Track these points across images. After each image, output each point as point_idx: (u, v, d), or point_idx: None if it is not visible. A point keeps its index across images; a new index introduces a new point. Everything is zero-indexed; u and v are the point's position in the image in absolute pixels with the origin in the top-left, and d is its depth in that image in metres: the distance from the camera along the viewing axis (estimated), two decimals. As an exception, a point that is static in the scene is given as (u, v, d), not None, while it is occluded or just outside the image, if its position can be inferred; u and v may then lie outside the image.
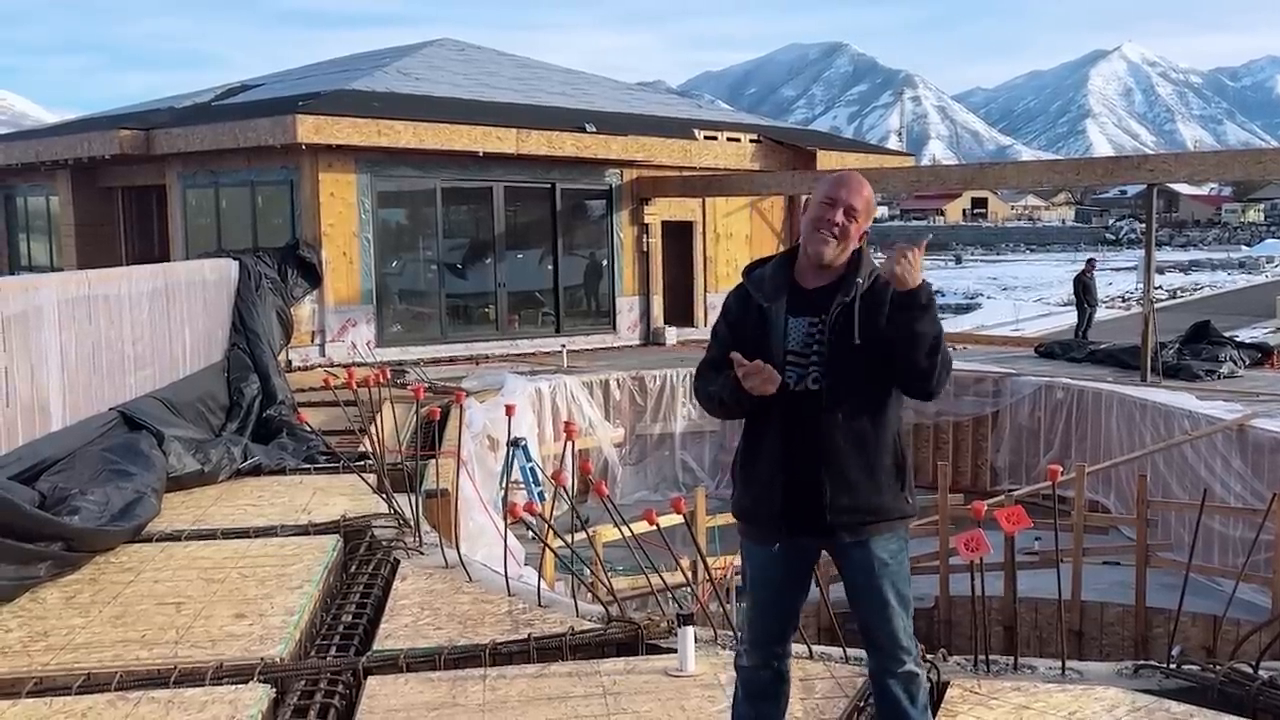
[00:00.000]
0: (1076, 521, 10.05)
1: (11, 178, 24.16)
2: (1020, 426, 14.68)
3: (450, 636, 5.38)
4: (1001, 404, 14.83)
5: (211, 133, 17.79)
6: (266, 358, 12.88)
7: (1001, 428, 14.88)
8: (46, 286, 8.27)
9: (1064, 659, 5.11)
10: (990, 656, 5.14)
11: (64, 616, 5.54)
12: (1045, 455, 13.98)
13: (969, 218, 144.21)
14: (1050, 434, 14.25)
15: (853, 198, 3.69)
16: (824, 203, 3.70)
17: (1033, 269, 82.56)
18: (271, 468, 8.92)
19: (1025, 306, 50.73)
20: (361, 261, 17.27)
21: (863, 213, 3.70)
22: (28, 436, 7.65)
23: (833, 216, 3.66)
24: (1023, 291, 63.48)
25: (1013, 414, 14.74)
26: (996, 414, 14.95)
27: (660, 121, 21.04)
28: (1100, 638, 10.29)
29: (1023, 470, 14.31)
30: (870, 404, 3.64)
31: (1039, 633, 10.21)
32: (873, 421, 3.65)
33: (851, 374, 3.61)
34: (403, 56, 22.37)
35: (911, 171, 20.07)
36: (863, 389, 3.63)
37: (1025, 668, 5.15)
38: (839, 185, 3.72)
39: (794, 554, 3.75)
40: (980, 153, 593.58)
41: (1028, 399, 14.55)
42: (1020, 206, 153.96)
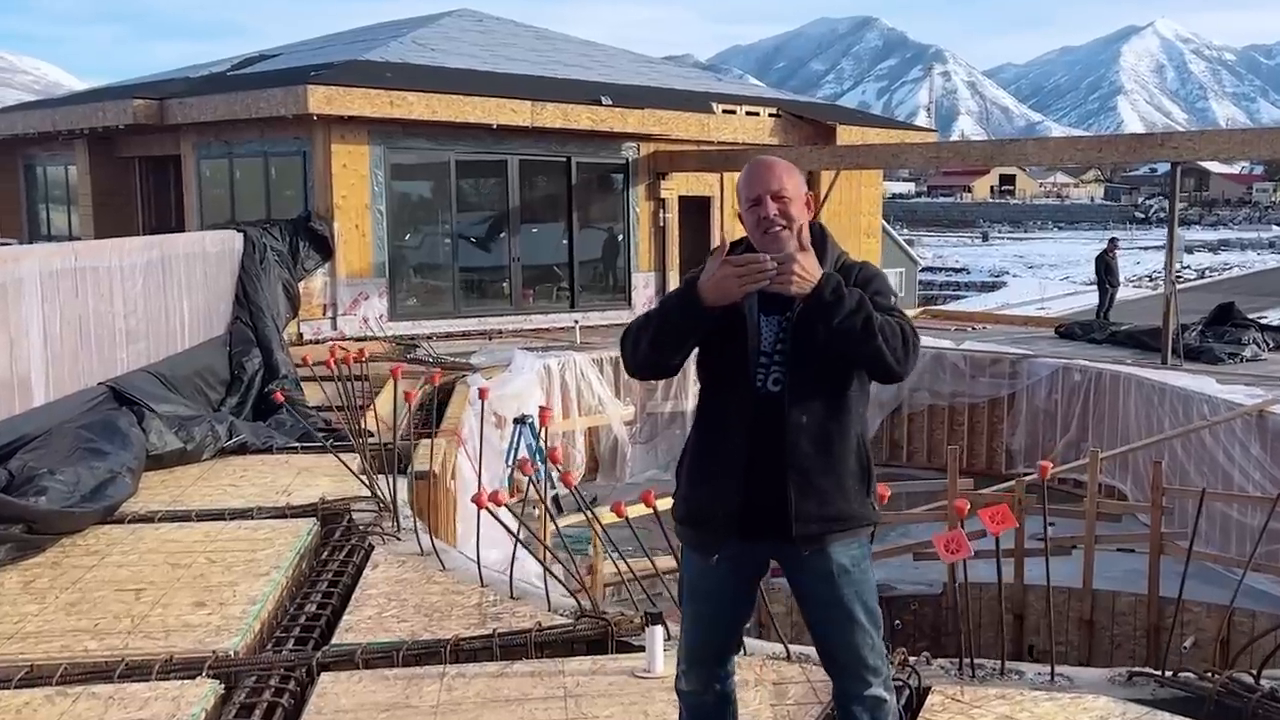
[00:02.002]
0: (1089, 508, 9.77)
1: (31, 147, 24.17)
2: (1037, 409, 14.38)
3: (414, 630, 5.18)
4: (1018, 386, 14.53)
5: (224, 103, 17.64)
6: (269, 331, 12.73)
7: (1018, 410, 14.59)
8: (28, 258, 8.10)
9: (1053, 665, 4.86)
10: (976, 660, 4.89)
11: (18, 603, 5.37)
12: (1062, 439, 13.71)
13: (997, 195, 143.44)
14: (1067, 417, 13.95)
15: (771, 182, 3.40)
16: (751, 207, 3.42)
17: (1060, 247, 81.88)
18: (257, 446, 8.74)
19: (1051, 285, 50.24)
20: (374, 234, 17.09)
21: (791, 188, 3.41)
22: (6, 413, 7.49)
23: (767, 213, 3.37)
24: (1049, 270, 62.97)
25: (1029, 396, 14.44)
26: (1013, 396, 14.66)
27: (678, 95, 20.70)
28: (1111, 627, 10.03)
29: (1039, 454, 13.94)
30: (833, 404, 3.38)
31: (1049, 620, 9.94)
32: (838, 423, 3.39)
33: (814, 374, 3.35)
34: (420, 27, 22.12)
35: (931, 147, 19.73)
36: (825, 389, 3.37)
37: (1013, 673, 4.90)
38: (753, 182, 3.42)
39: (742, 562, 3.46)
40: (1010, 129, 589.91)
41: (1045, 381, 14.24)
42: (1049, 184, 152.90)
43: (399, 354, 14.91)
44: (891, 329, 3.29)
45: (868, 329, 3.24)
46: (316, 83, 16.15)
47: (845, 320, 3.24)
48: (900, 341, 3.30)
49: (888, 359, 3.29)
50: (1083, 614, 9.80)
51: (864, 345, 3.26)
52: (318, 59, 19.79)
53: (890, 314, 3.35)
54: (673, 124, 19.24)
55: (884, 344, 3.26)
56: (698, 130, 19.63)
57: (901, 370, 3.35)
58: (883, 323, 3.28)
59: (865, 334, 3.24)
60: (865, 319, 3.24)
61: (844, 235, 21.44)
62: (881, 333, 3.26)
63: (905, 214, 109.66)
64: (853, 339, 3.25)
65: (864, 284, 3.43)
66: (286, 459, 8.57)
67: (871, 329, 3.25)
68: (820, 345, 3.28)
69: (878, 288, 3.45)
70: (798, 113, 21.92)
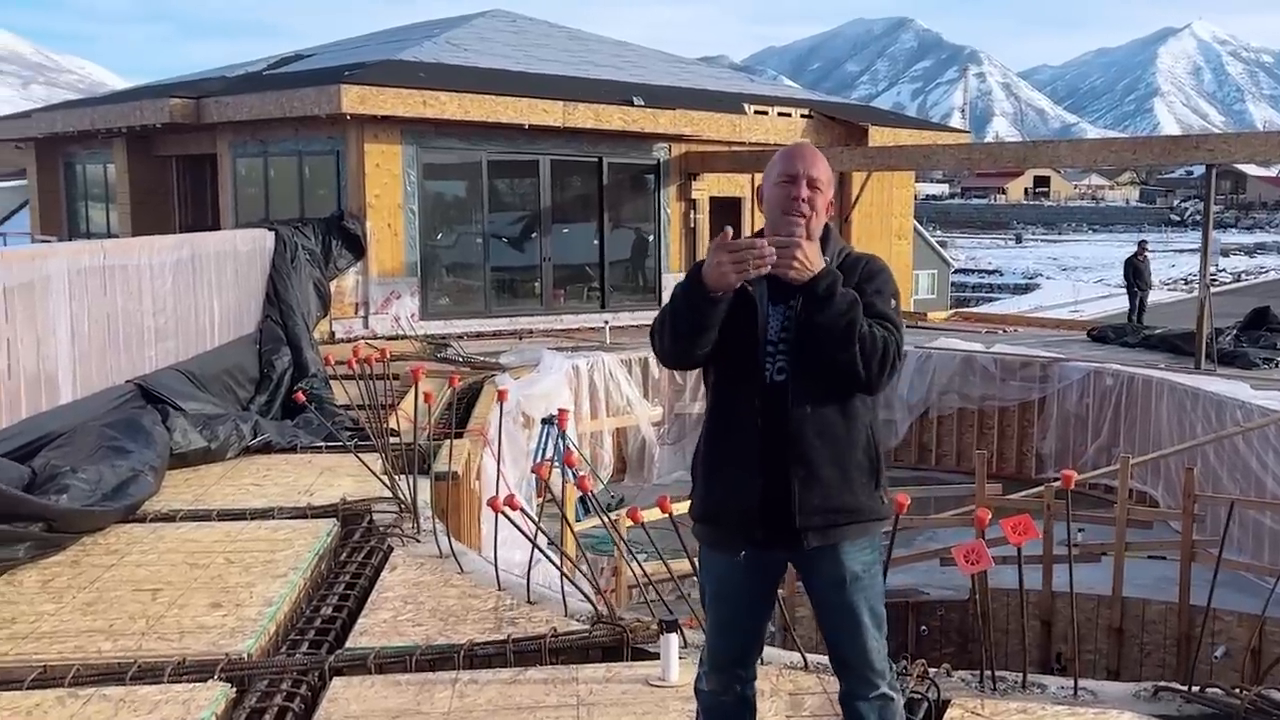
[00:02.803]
0: (1119, 515, 9.63)
1: (71, 145, 24.41)
2: (1068, 413, 14.22)
3: (429, 634, 5.14)
4: (1049, 390, 14.37)
5: (259, 102, 17.74)
6: (300, 330, 12.75)
7: (1049, 414, 14.44)
8: (56, 256, 8.14)
9: (1076, 678, 4.75)
10: (998, 673, 4.80)
11: (35, 602, 5.37)
12: (1093, 443, 13.56)
13: (1031, 196, 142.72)
14: (1099, 422, 13.79)
15: (811, 168, 3.38)
16: (783, 181, 3.38)
17: (1094, 249, 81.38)
18: (282, 445, 8.74)
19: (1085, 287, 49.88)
20: (406, 233, 17.13)
21: (824, 182, 3.40)
22: (32, 410, 7.53)
23: (797, 193, 3.35)
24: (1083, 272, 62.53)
25: (1060, 400, 14.28)
26: (1044, 400, 14.50)
27: (710, 96, 20.64)
28: (1141, 635, 9.89)
29: (1070, 458, 13.83)
30: (838, 395, 3.33)
31: (1077, 628, 9.81)
32: (842, 413, 3.34)
33: (818, 364, 3.30)
34: (454, 27, 22.18)
35: (963, 149, 19.56)
36: (829, 379, 3.31)
37: (1035, 686, 4.79)
38: (794, 159, 3.40)
39: (760, 564, 3.44)
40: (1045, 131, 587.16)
41: (1076, 385, 14.08)
42: (1084, 186, 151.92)
43: (429, 353, 14.93)
44: (873, 343, 3.25)
45: (848, 335, 3.21)
46: (350, 82, 16.21)
47: (829, 319, 3.21)
48: (878, 357, 3.26)
49: (859, 369, 3.26)
50: (1112, 622, 9.67)
51: (840, 350, 3.23)
52: (352, 59, 19.87)
53: (883, 319, 3.31)
54: (704, 125, 19.18)
55: (858, 354, 3.23)
56: (729, 131, 19.55)
57: (870, 385, 3.32)
58: (866, 334, 3.24)
59: (844, 339, 3.21)
60: (849, 324, 3.21)
61: (875, 237, 21.31)
62: (860, 343, 3.23)
63: (938, 215, 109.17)
64: (831, 339, 3.22)
65: (868, 278, 3.40)
66: (310, 458, 8.56)
67: (851, 336, 3.21)
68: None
69: (879, 285, 3.41)
70: (830, 113, 21.81)
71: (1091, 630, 9.83)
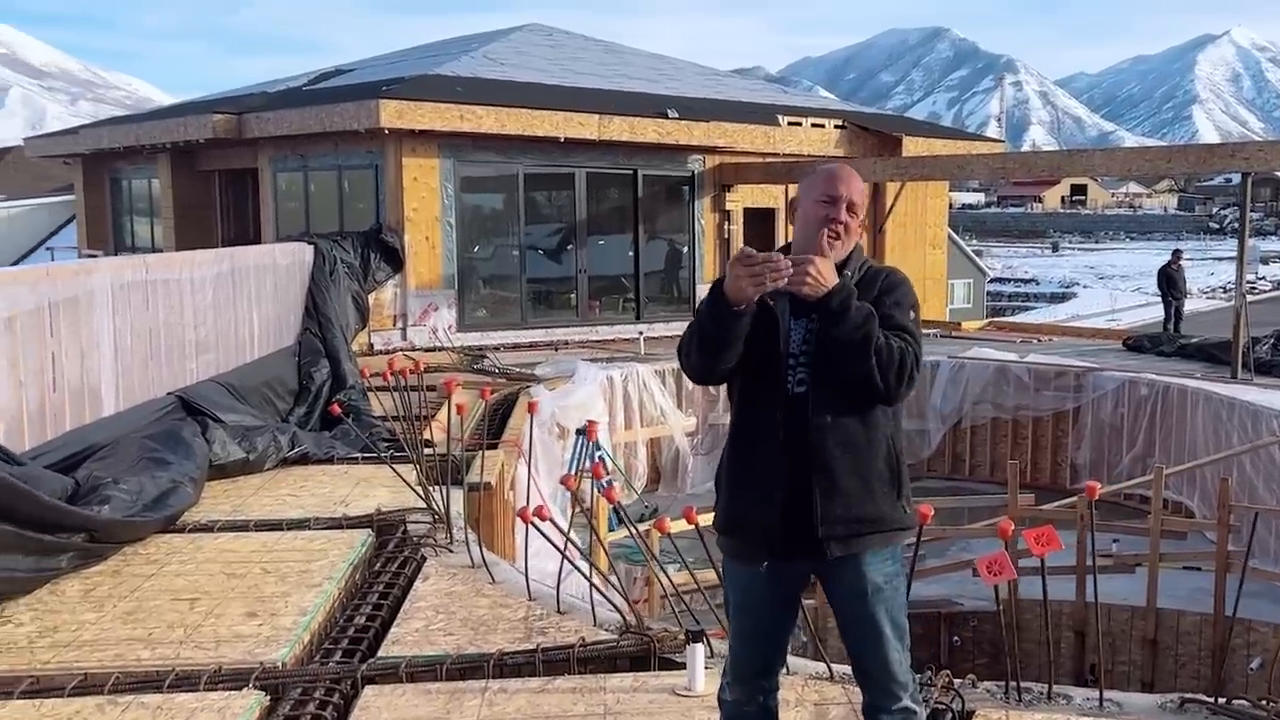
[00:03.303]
0: (1153, 525, 9.58)
1: (117, 161, 24.82)
2: (1102, 423, 14.13)
3: (459, 644, 5.22)
4: (1083, 399, 14.29)
5: (299, 117, 17.97)
6: (338, 342, 12.93)
7: (1083, 424, 14.35)
8: (99, 272, 8.31)
9: (1101, 689, 4.76)
10: (1023, 684, 4.82)
11: (77, 611, 5.50)
12: (1128, 453, 13.49)
13: (1068, 205, 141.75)
14: (1134, 432, 13.71)
15: (852, 192, 3.47)
16: (823, 201, 3.45)
17: (1132, 258, 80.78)
18: (319, 456, 8.86)
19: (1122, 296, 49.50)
20: (444, 246, 17.30)
21: (861, 206, 3.51)
22: (77, 422, 7.70)
23: (836, 215, 3.43)
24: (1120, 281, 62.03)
25: (1095, 410, 14.20)
26: (1078, 410, 14.42)
27: (744, 107, 20.73)
28: (1176, 646, 9.82)
29: (1104, 468, 13.77)
30: (858, 405, 3.39)
31: (1111, 640, 9.77)
32: (863, 423, 3.40)
33: (835, 375, 3.36)
34: (491, 42, 22.37)
35: (996, 158, 19.52)
36: (850, 390, 3.37)
37: (1060, 697, 4.81)
38: (835, 181, 3.48)
39: (782, 575, 3.49)
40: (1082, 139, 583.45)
41: (1110, 395, 14.00)
42: (1121, 194, 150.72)
43: (466, 365, 15.08)
44: (890, 354, 3.31)
45: (864, 349, 3.27)
46: (388, 97, 16.40)
47: (845, 333, 3.27)
48: (895, 369, 3.32)
49: (876, 382, 3.32)
50: (1146, 633, 9.61)
51: (857, 363, 3.28)
52: (391, 74, 20.08)
53: (901, 331, 3.37)
54: (738, 136, 19.24)
55: (875, 367, 3.28)
56: (763, 142, 19.62)
57: (889, 396, 3.38)
58: (883, 346, 3.29)
59: (861, 353, 3.27)
60: (865, 338, 3.26)
61: (909, 246, 21.29)
62: (877, 355, 3.28)
63: (974, 224, 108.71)
64: (848, 354, 3.28)
65: (887, 291, 3.46)
66: (346, 469, 8.68)
67: (868, 350, 3.27)
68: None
69: (898, 297, 3.47)
70: (863, 124, 21.82)
71: (1126, 642, 9.79)
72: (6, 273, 7.27)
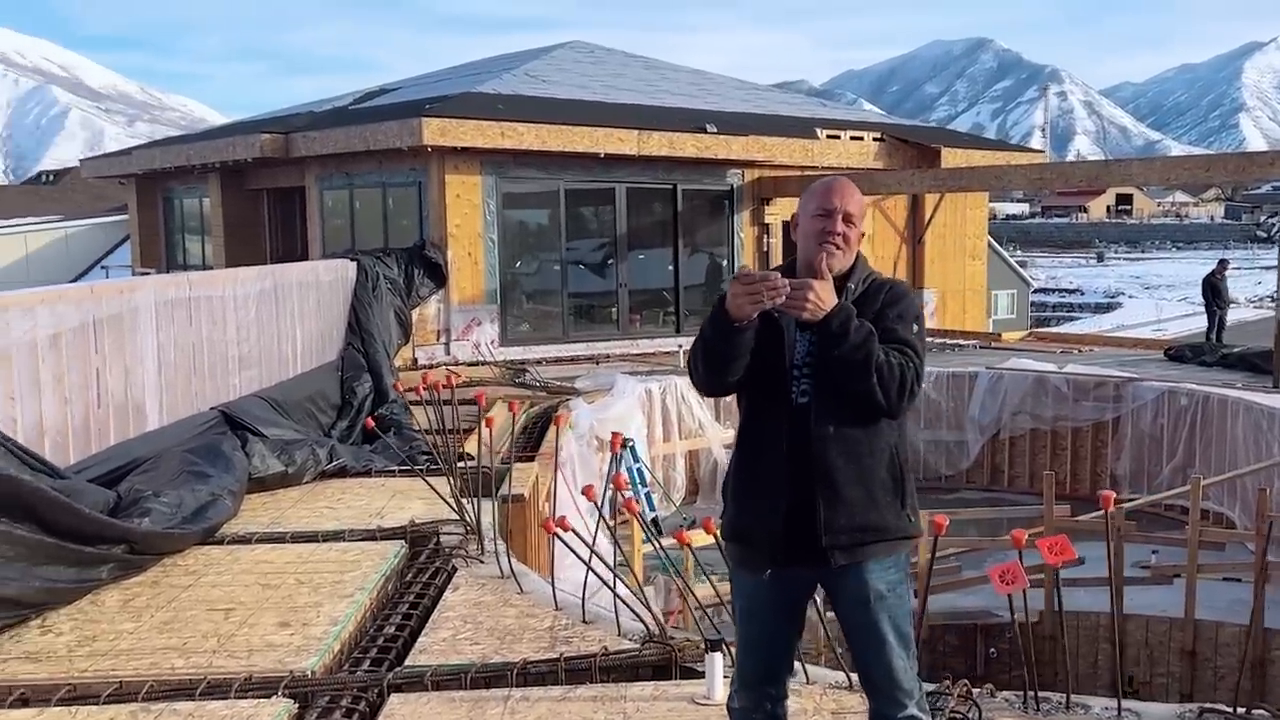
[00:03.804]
0: (1191, 536, 9.50)
1: (169, 180, 25.31)
2: (1142, 433, 14.01)
3: (485, 653, 5.31)
4: (1122, 410, 14.17)
5: (344, 136, 18.26)
6: (380, 357, 13.10)
7: (1122, 434, 14.24)
8: (143, 289, 8.52)
9: (1119, 698, 4.77)
10: (1041, 694, 4.84)
11: (116, 621, 5.65)
12: (1168, 464, 13.36)
13: (1113, 215, 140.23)
14: (1174, 442, 13.57)
15: (847, 203, 3.53)
16: (819, 215, 3.52)
17: (1178, 267, 79.80)
18: (356, 469, 9.01)
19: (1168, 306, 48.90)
20: (486, 262, 17.48)
21: (858, 217, 3.55)
22: (121, 436, 7.90)
23: (833, 227, 3.49)
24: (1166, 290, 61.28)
25: (1134, 420, 14.08)
26: (1117, 420, 14.30)
27: (782, 121, 20.78)
28: (1215, 658, 9.72)
29: (1144, 479, 13.67)
30: (861, 415, 3.44)
31: (1149, 652, 9.69)
32: (867, 433, 3.46)
33: (837, 387, 3.43)
34: (533, 59, 22.59)
35: (1034, 169, 19.42)
36: (854, 400, 3.43)
37: (1079, 706, 4.82)
38: (830, 193, 3.54)
39: (787, 583, 3.56)
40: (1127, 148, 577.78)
41: (1150, 405, 13.87)
42: (1167, 203, 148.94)
43: (508, 379, 15.22)
44: (890, 371, 3.37)
45: (865, 368, 3.33)
46: (431, 115, 16.61)
47: (845, 353, 3.33)
48: (896, 385, 3.38)
49: (878, 399, 3.39)
50: (1185, 644, 9.52)
51: (859, 381, 3.36)
52: (434, 92, 20.34)
53: (903, 346, 3.42)
54: (777, 150, 19.28)
55: (877, 384, 3.35)
56: (802, 156, 19.65)
57: (890, 412, 3.45)
58: (884, 363, 3.35)
59: (862, 372, 3.34)
60: (865, 357, 3.33)
61: (949, 257, 21.22)
62: (878, 373, 3.34)
63: (1018, 235, 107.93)
64: (850, 373, 3.35)
65: (890, 304, 3.52)
66: (383, 482, 8.82)
67: (869, 368, 3.33)
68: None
69: (900, 310, 3.52)
70: (902, 136, 21.79)
71: (1164, 653, 9.71)
72: (52, 291, 7.48)
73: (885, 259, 20.90)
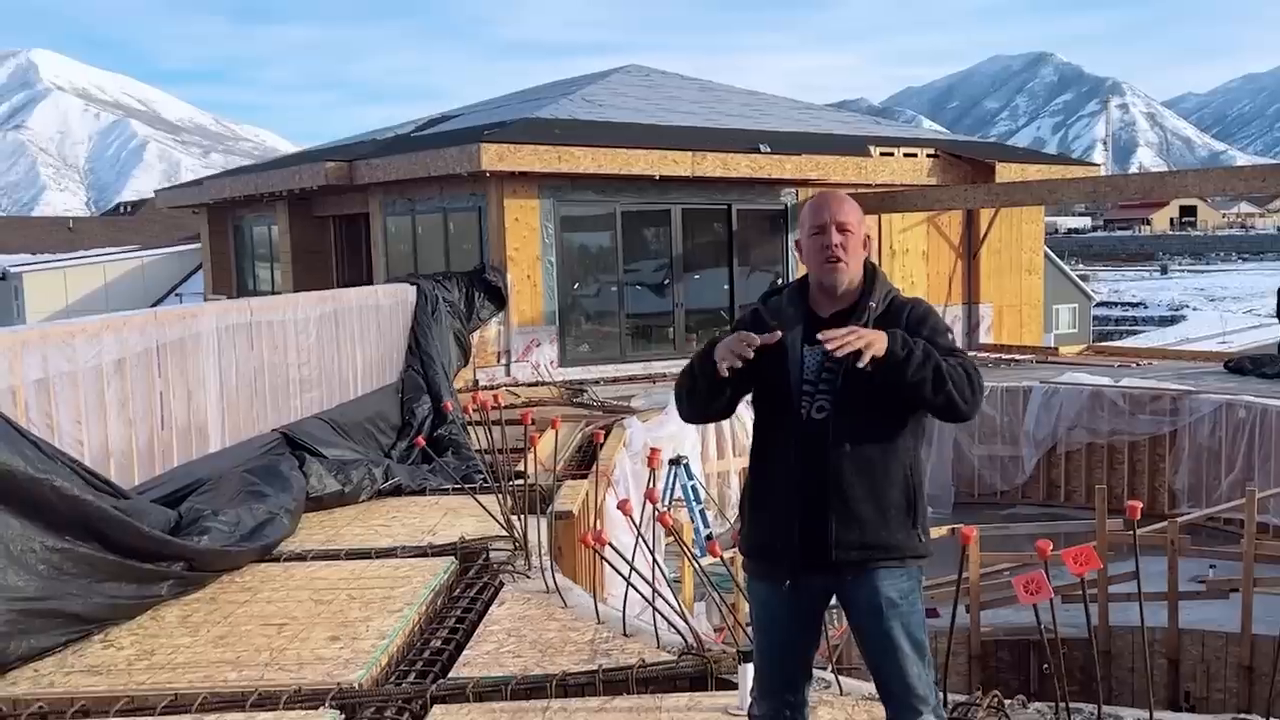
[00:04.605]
0: (1246, 550, 9.38)
1: (240, 209, 25.97)
2: (1200, 447, 13.82)
3: (526, 665, 5.44)
4: (1180, 423, 13.99)
5: (406, 163, 18.62)
6: (439, 379, 13.35)
7: (1180, 448, 14.06)
8: (205, 315, 8.81)
9: (1150, 710, 4.79)
10: (1071, 704, 4.87)
11: (174, 635, 5.87)
12: (1226, 477, 13.14)
13: (1177, 227, 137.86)
14: (1232, 455, 13.36)
15: (838, 214, 3.61)
16: (814, 234, 3.63)
17: (1243, 279, 78.21)
18: (411, 488, 9.22)
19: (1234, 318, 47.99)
20: (544, 284, 17.71)
21: (854, 223, 3.62)
22: (184, 458, 8.18)
23: (829, 242, 3.59)
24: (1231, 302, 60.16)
25: (1192, 434, 13.90)
26: (1175, 433, 14.13)
27: (836, 140, 20.81)
28: (1273, 673, 9.53)
29: (1203, 492, 13.49)
30: (879, 435, 3.53)
31: (1205, 667, 9.57)
32: (882, 453, 3.53)
33: (859, 404, 3.50)
34: (589, 84, 22.87)
35: (1087, 182, 19.27)
36: (871, 419, 3.51)
37: (1110, 718, 4.86)
38: (820, 209, 3.64)
39: (802, 594, 3.65)
40: (1191, 159, 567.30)
41: (1207, 418, 13.68)
42: (1232, 214, 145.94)
43: (566, 398, 15.41)
44: (957, 373, 3.42)
45: (939, 377, 3.39)
46: (489, 141, 16.89)
47: (917, 373, 3.37)
48: (966, 384, 3.44)
49: (958, 403, 3.44)
50: (1241, 659, 9.39)
51: (936, 393, 3.41)
52: (493, 118, 20.66)
53: (950, 354, 3.48)
54: (830, 169, 19.31)
55: (953, 390, 3.40)
56: (855, 174, 19.66)
57: (969, 412, 3.48)
58: (949, 370, 3.41)
59: (937, 384, 3.39)
60: (935, 367, 3.39)
61: (1004, 272, 21.09)
62: (951, 378, 3.39)
63: (1080, 249, 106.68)
64: (924, 389, 3.39)
65: (918, 323, 3.57)
66: (437, 500, 9.01)
67: (942, 377, 3.39)
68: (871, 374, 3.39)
69: (933, 326, 3.59)
70: (956, 152, 21.69)
71: (1221, 668, 9.58)
72: (117, 318, 7.78)
73: (940, 274, 20.84)
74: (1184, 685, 9.62)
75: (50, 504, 5.59)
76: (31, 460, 5.55)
